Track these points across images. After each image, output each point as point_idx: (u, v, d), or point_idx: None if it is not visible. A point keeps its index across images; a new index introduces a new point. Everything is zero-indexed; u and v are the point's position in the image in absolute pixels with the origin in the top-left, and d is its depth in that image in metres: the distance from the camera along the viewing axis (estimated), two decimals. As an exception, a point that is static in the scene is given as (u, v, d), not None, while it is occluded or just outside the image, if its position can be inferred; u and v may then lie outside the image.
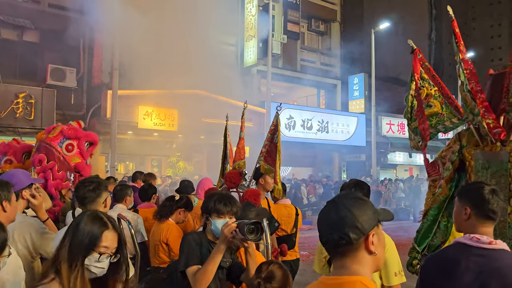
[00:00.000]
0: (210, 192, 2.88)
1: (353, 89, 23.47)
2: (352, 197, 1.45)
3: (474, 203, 2.13)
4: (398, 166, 25.78)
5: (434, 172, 3.26)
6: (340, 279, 1.39)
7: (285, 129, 18.56)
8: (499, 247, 2.02)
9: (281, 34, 19.77)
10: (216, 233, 2.56)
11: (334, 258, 1.44)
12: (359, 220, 1.37)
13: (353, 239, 1.36)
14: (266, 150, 3.88)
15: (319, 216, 1.48)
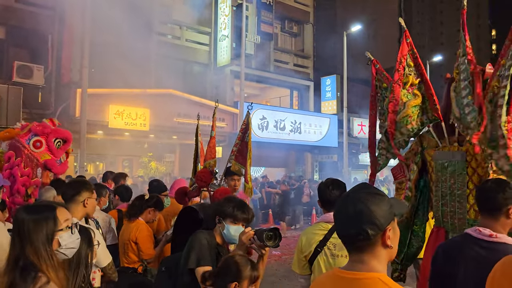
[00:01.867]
0: (227, 196, 2.87)
1: (325, 90, 23.75)
2: (368, 192, 1.44)
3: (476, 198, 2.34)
4: (368, 167, 26.25)
5: (400, 174, 3.33)
6: (359, 275, 1.40)
7: (258, 129, 18.60)
8: (500, 240, 2.11)
9: (254, 35, 19.83)
10: (228, 237, 2.61)
11: (350, 252, 1.45)
12: (377, 216, 1.37)
13: (371, 235, 1.37)
14: (237, 149, 3.89)
15: (336, 210, 1.49)
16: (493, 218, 2.16)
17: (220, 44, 19.21)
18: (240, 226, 2.59)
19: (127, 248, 3.90)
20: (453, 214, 2.91)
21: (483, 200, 2.22)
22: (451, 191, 2.92)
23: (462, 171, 2.87)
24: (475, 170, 2.84)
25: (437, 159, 3.04)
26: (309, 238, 2.88)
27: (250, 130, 3.77)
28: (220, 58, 19.20)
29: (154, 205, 4.11)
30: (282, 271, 8.20)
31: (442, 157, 3.01)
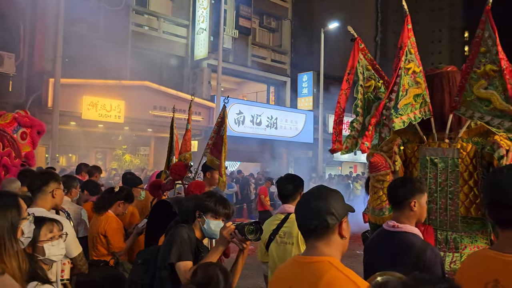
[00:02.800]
0: (209, 191, 2.88)
1: (302, 86, 23.91)
2: (328, 189, 1.70)
3: (387, 194, 2.54)
4: (343, 163, 26.61)
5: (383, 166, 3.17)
6: (311, 259, 1.61)
7: (234, 124, 18.59)
8: (401, 229, 2.33)
9: (232, 29, 19.76)
10: (208, 232, 2.60)
11: (307, 240, 1.67)
12: (335, 208, 1.61)
13: (330, 224, 1.60)
14: (213, 142, 3.89)
15: (297, 206, 1.73)
16: (400, 211, 2.38)
17: (197, 37, 19.07)
18: (220, 221, 2.59)
19: (96, 241, 3.85)
20: (443, 211, 2.94)
21: (391, 195, 2.44)
22: (442, 187, 2.94)
23: (455, 168, 2.90)
24: (467, 167, 2.89)
25: (425, 155, 3.05)
26: (266, 227, 3.09)
27: (225, 124, 3.78)
28: (198, 51, 19.07)
29: (124, 198, 4.05)
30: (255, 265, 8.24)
31: (431, 153, 3.02)
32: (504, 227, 1.60)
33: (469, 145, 2.90)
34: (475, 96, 2.75)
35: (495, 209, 1.61)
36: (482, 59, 2.72)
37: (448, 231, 2.91)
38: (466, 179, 2.86)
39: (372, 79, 3.19)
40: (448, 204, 2.91)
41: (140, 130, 17.37)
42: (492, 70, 2.67)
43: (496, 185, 1.61)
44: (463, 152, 2.89)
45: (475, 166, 2.85)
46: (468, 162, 2.87)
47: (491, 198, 1.63)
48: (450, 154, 2.93)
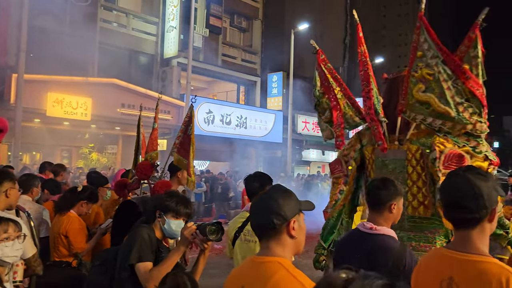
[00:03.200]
0: (169, 191, 2.86)
1: (271, 86, 24.06)
2: (279, 189, 1.70)
3: (366, 194, 2.50)
4: (311, 163, 26.91)
5: (338, 169, 3.40)
6: (262, 259, 1.63)
7: (204, 123, 18.52)
8: (381, 232, 2.30)
9: (203, 28, 19.67)
10: (169, 232, 2.57)
11: (261, 240, 1.68)
12: (283, 209, 1.61)
13: (276, 224, 1.60)
14: (180, 141, 3.88)
15: (252, 205, 1.76)
16: (378, 213, 2.35)
17: (167, 35, 18.88)
18: (181, 221, 2.58)
19: (57, 241, 3.77)
20: None
21: (371, 196, 2.39)
22: None
23: (403, 169, 3.02)
24: (414, 168, 2.99)
25: (378, 157, 3.16)
26: (232, 224, 3.16)
27: (193, 123, 3.78)
28: (167, 49, 18.88)
29: (87, 198, 3.97)
30: (224, 264, 8.25)
31: (383, 155, 3.12)
32: (459, 227, 1.66)
33: (415, 147, 2.99)
34: (415, 99, 2.84)
35: (451, 210, 1.66)
36: (419, 63, 2.82)
37: (396, 230, 3.01)
38: (414, 180, 2.96)
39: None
40: None
41: (107, 128, 17.05)
42: (428, 74, 2.77)
43: (452, 186, 1.67)
44: (410, 153, 3.00)
45: (423, 167, 2.93)
46: (415, 163, 2.97)
47: (448, 199, 1.68)
48: (398, 155, 3.04)
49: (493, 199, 1.60)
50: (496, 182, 1.68)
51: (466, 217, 1.60)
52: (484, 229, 1.62)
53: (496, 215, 1.64)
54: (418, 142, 3.03)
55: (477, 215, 1.58)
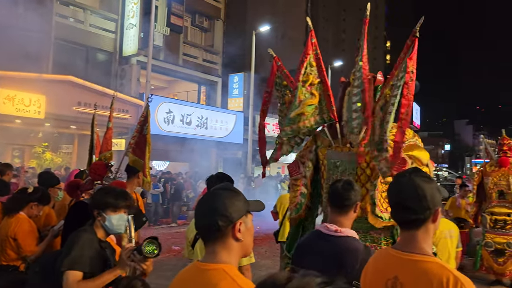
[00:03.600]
0: (101, 188, 2.77)
1: (232, 87, 24.06)
2: (225, 189, 1.59)
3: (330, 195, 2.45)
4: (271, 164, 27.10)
5: (296, 171, 3.40)
6: (207, 266, 1.52)
7: (163, 123, 18.26)
8: (345, 233, 2.33)
9: (164, 26, 19.40)
10: (111, 229, 2.49)
11: (206, 244, 1.57)
12: (228, 210, 1.50)
13: (221, 226, 1.49)
14: (135, 142, 3.81)
15: (197, 205, 1.62)
16: (344, 213, 2.39)
17: (127, 32, 18.48)
18: (122, 213, 2.51)
19: (5, 245, 3.62)
20: None
21: (338, 196, 2.40)
22: None
23: (352, 170, 3.08)
24: (363, 171, 3.06)
25: (330, 158, 3.21)
26: (192, 226, 3.09)
27: (149, 123, 3.72)
28: (127, 47, 18.49)
29: (38, 199, 3.83)
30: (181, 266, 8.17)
31: (334, 156, 3.18)
32: (404, 228, 1.71)
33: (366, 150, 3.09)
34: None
35: (397, 211, 1.71)
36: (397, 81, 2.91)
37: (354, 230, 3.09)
38: (363, 182, 3.04)
39: (286, 95, 3.34)
40: None
41: (62, 127, 16.48)
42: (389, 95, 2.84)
43: (398, 188, 1.71)
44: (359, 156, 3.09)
45: (372, 169, 3.03)
46: (365, 165, 3.05)
47: (394, 200, 1.72)
48: (348, 157, 3.11)
49: (436, 200, 1.65)
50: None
51: (411, 218, 1.64)
52: (428, 229, 1.67)
53: (440, 216, 1.70)
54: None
55: (421, 216, 1.63)
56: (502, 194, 7.32)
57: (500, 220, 7.20)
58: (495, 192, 7.36)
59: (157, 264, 8.58)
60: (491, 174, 7.48)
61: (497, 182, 7.38)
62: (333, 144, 3.27)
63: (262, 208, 1.70)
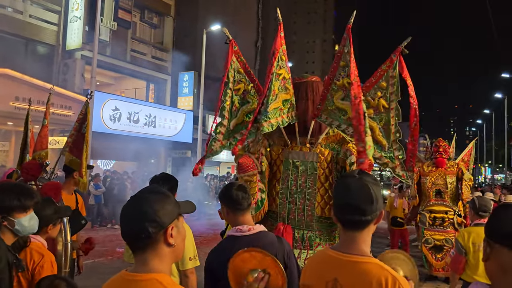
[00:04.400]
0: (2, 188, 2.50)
1: (182, 85, 23.71)
2: (153, 192, 1.47)
3: (227, 201, 2.41)
4: (221, 164, 27.01)
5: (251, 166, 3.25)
6: (138, 276, 1.40)
7: (109, 121, 17.67)
8: (257, 230, 2.36)
9: (110, 21, 18.76)
10: (24, 231, 2.26)
11: (135, 252, 1.44)
12: (158, 215, 1.39)
13: (152, 233, 1.38)
14: (72, 140, 3.61)
15: (122, 210, 1.46)
16: (247, 212, 2.43)
17: (70, 25, 17.70)
18: (32, 213, 2.31)
19: None
20: (301, 211, 3.10)
21: (241, 200, 2.39)
22: (301, 189, 3.11)
23: (314, 171, 3.10)
24: (324, 171, 3.10)
25: (288, 158, 3.20)
26: None
27: (88, 120, 3.53)
28: (70, 40, 17.71)
29: None
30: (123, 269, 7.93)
31: (294, 156, 3.18)
32: (348, 228, 1.69)
33: (327, 151, 3.14)
34: (335, 106, 2.98)
35: (344, 211, 1.69)
36: (341, 72, 2.98)
37: (304, 230, 3.11)
38: (323, 182, 3.09)
39: (242, 82, 3.27)
40: (305, 205, 3.11)
41: (-2, 123, 15.53)
42: (348, 83, 2.92)
43: (345, 187, 1.70)
44: (321, 156, 3.12)
45: (330, 170, 3.09)
46: (325, 166, 3.11)
47: (343, 200, 1.70)
48: (310, 157, 3.14)
49: (380, 203, 1.67)
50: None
51: (360, 219, 1.63)
52: (370, 231, 1.68)
53: (381, 219, 1.71)
54: (328, 147, 3.15)
55: (369, 217, 1.63)
56: (440, 193, 7.70)
57: (439, 217, 7.56)
58: (432, 191, 7.72)
59: (100, 266, 8.27)
60: (429, 174, 7.84)
61: (434, 181, 7.76)
62: (290, 144, 3.26)
63: (193, 209, 1.60)
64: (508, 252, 1.18)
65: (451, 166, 7.84)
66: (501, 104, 36.60)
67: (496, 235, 1.24)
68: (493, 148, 44.88)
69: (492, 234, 1.25)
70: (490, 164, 53.92)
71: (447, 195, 7.62)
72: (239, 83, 3.29)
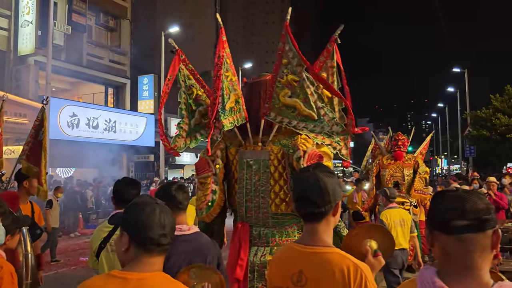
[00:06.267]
0: None
1: (142, 89, 23.35)
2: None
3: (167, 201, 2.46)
4: (185, 166, 26.79)
5: (205, 169, 3.30)
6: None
7: (67, 127, 17.17)
8: (195, 230, 2.52)
9: (64, 24, 18.23)
10: None
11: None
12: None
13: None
14: (29, 147, 3.51)
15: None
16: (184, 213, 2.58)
17: (22, 30, 17.08)
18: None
19: None
20: (257, 209, 3.13)
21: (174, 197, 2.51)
22: (256, 187, 3.14)
23: (266, 168, 3.13)
24: (276, 168, 3.13)
25: (242, 158, 3.23)
26: (96, 234, 2.99)
27: (45, 127, 3.45)
28: (22, 46, 17.08)
29: None
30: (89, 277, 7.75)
31: (247, 155, 3.21)
32: (307, 221, 1.77)
33: (278, 148, 3.19)
34: (282, 103, 3.04)
35: (301, 204, 1.76)
36: (284, 69, 3.03)
37: (261, 227, 3.16)
38: (277, 179, 3.14)
39: (193, 88, 3.31)
40: (260, 203, 3.15)
41: None
42: (293, 80, 2.99)
43: (300, 182, 1.78)
44: (273, 154, 3.18)
45: (284, 166, 3.13)
46: (277, 163, 3.15)
47: (298, 194, 1.77)
48: (262, 156, 3.18)
49: (337, 195, 1.74)
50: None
51: (314, 211, 1.71)
52: (329, 222, 1.75)
53: (339, 209, 1.80)
54: (279, 143, 3.19)
55: (323, 209, 1.70)
56: (397, 185, 7.98)
57: (396, 209, 7.84)
58: (391, 183, 7.99)
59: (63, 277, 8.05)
60: (387, 167, 8.11)
61: (393, 174, 8.03)
62: (244, 144, 3.31)
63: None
64: (446, 238, 1.27)
65: (409, 159, 8.14)
66: (453, 98, 38.22)
67: (433, 222, 1.32)
68: (448, 140, 46.78)
69: (431, 222, 1.34)
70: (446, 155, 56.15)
71: (404, 186, 7.91)
72: (191, 88, 3.34)
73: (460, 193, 1.30)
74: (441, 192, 1.36)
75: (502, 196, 8.52)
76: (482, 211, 1.24)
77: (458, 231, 1.24)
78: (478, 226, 1.23)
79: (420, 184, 7.83)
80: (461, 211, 1.24)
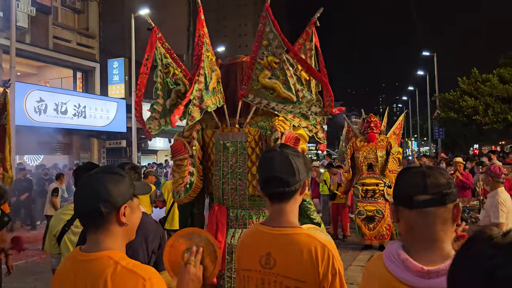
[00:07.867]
0: None
1: (112, 73, 22.78)
2: (109, 172, 1.52)
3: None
4: (158, 152, 26.50)
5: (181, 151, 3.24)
6: (91, 256, 1.43)
7: (34, 113, 16.63)
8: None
9: (28, 6, 17.48)
10: None
11: (87, 231, 1.49)
12: (112, 195, 1.44)
13: (104, 213, 1.43)
14: (-8, 133, 3.36)
15: (76, 189, 1.55)
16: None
17: (-18, 11, 16.28)
18: None
19: None
20: (234, 191, 3.13)
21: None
22: (233, 169, 3.13)
23: (243, 150, 3.12)
24: (253, 150, 3.12)
25: (219, 140, 3.20)
26: (58, 218, 2.98)
27: (8, 111, 3.29)
28: (-17, 28, 16.31)
29: None
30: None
31: (224, 137, 3.18)
32: (274, 201, 1.75)
33: (255, 130, 3.18)
34: (261, 85, 3.02)
35: (269, 184, 1.73)
36: (264, 51, 3.01)
37: (238, 209, 3.16)
38: (254, 161, 3.13)
39: (170, 67, 3.22)
40: (238, 185, 3.14)
41: None
42: (273, 62, 2.97)
43: (267, 161, 1.75)
44: (250, 135, 3.16)
45: (261, 148, 3.13)
46: (254, 145, 3.15)
47: (267, 173, 1.75)
48: (239, 138, 3.16)
49: (304, 173, 1.74)
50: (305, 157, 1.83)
51: (284, 190, 1.69)
52: (296, 201, 1.76)
53: (306, 188, 1.80)
54: (257, 125, 3.19)
55: (292, 187, 1.69)
56: (371, 166, 8.12)
57: (370, 190, 7.99)
58: (365, 165, 8.12)
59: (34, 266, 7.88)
60: (361, 149, 8.23)
61: (366, 155, 8.16)
62: (221, 126, 3.27)
63: (148, 191, 1.66)
64: (409, 212, 1.32)
65: (382, 141, 8.27)
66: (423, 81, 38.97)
67: (397, 198, 1.38)
68: (418, 122, 47.84)
69: (395, 198, 1.39)
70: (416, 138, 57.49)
71: (377, 168, 8.05)
72: (167, 67, 3.25)
73: (423, 169, 1.34)
74: (405, 169, 1.41)
75: (468, 176, 8.80)
76: (443, 185, 1.30)
77: (420, 205, 1.29)
78: (439, 200, 1.29)
79: (394, 165, 7.99)
80: (423, 186, 1.30)
